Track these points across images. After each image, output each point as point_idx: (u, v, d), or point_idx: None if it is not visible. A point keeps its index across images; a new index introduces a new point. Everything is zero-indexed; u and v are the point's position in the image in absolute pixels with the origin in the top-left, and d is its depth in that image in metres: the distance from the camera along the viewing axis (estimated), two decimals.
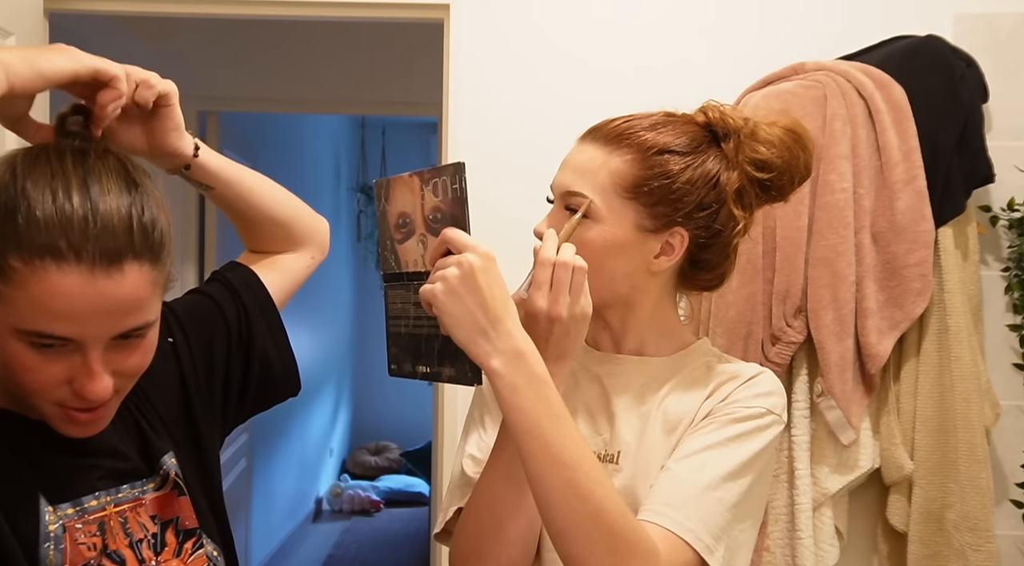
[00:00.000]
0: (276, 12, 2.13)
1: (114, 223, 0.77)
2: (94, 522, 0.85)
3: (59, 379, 0.79)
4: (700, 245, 1.00)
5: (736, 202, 0.99)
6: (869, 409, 1.86)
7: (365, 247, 6.58)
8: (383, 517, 5.70)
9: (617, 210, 0.97)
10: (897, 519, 1.88)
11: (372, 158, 6.57)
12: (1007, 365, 1.98)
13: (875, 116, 1.80)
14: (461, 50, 2.02)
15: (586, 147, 1.01)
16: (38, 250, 0.74)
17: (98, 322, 0.77)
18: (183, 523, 0.93)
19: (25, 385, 0.79)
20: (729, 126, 1.01)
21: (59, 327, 0.76)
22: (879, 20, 1.97)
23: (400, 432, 6.47)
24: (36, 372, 0.78)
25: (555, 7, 2.03)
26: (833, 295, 1.78)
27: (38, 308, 0.75)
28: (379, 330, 4.53)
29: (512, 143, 2.02)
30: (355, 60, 3.39)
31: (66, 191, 0.76)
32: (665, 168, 0.97)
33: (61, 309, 0.75)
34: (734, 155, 1.00)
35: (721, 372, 1.02)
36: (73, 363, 0.78)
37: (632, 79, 2.01)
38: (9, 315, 0.76)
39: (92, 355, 0.78)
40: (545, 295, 0.91)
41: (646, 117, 1.01)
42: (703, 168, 0.98)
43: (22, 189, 0.76)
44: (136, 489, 0.90)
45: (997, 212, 1.97)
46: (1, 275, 0.75)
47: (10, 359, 0.78)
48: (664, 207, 0.97)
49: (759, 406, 0.97)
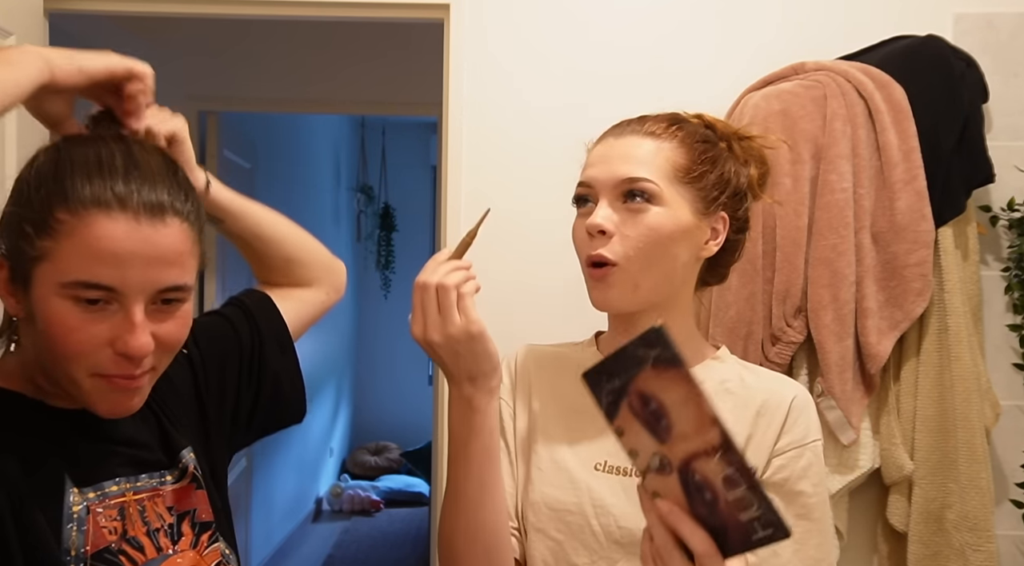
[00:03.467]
0: (276, 12, 2.13)
1: (156, 179, 0.81)
2: (115, 507, 0.86)
3: (101, 340, 0.80)
4: (738, 228, 1.06)
5: (755, 190, 1.08)
6: (869, 409, 1.86)
7: (365, 247, 6.58)
8: (383, 517, 5.70)
9: (679, 193, 1.00)
10: (897, 519, 1.88)
11: (372, 158, 6.58)
12: (1007, 365, 1.98)
13: (875, 116, 1.80)
14: (461, 50, 2.02)
15: (628, 139, 1.03)
16: (85, 201, 0.78)
17: (142, 270, 0.79)
18: (199, 516, 0.94)
19: (67, 349, 0.79)
20: (724, 130, 1.09)
21: (105, 274, 0.77)
22: (879, 20, 1.97)
23: (400, 432, 6.47)
24: (79, 332, 0.79)
25: (555, 7, 2.03)
26: (833, 295, 1.78)
27: (85, 254, 0.77)
28: (379, 330, 4.51)
29: (512, 143, 2.02)
30: (355, 60, 3.39)
31: (109, 154, 0.81)
32: (710, 154, 1.03)
33: (108, 254, 0.77)
34: (741, 153, 1.07)
35: (756, 392, 1.02)
36: (115, 323, 0.80)
37: (632, 79, 2.00)
38: (55, 271, 0.78)
39: (134, 309, 0.79)
40: (416, 321, 0.90)
41: (663, 118, 1.06)
42: (730, 160, 1.06)
43: (68, 157, 0.81)
44: (155, 479, 0.92)
45: (997, 212, 1.97)
46: (48, 232, 0.78)
47: (53, 322, 0.79)
48: (714, 190, 1.02)
49: (813, 439, 1.00)
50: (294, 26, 3.29)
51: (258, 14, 2.15)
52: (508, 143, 2.02)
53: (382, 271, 6.51)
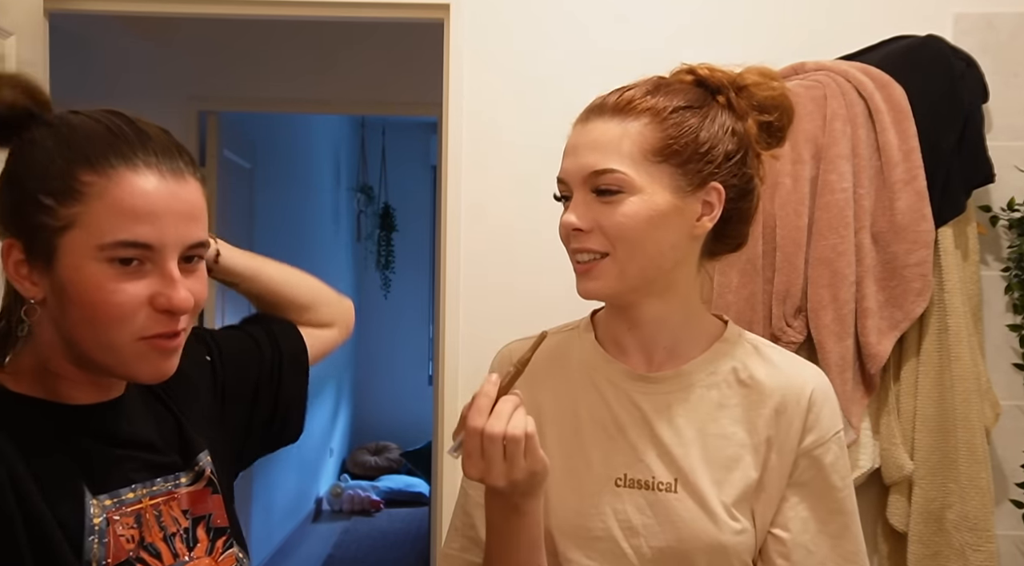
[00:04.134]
0: (276, 12, 2.13)
1: (167, 143, 0.83)
2: (131, 514, 0.85)
3: (140, 299, 0.80)
4: (738, 193, 0.98)
5: (756, 145, 1.00)
6: (869, 409, 1.86)
7: (365, 247, 6.58)
8: (383, 517, 5.70)
9: (652, 176, 0.94)
10: (897, 519, 1.88)
11: (372, 158, 6.57)
12: (1007, 365, 1.98)
13: (875, 116, 1.80)
14: (461, 50, 2.02)
15: (594, 125, 0.98)
16: (111, 160, 0.79)
17: (174, 225, 0.80)
18: (214, 521, 0.93)
19: (108, 313, 0.79)
20: (720, 79, 1.00)
21: (143, 231, 0.78)
22: (879, 20, 1.97)
23: (400, 432, 6.46)
24: (118, 293, 0.78)
25: (555, 7, 2.03)
26: (833, 295, 1.78)
27: (119, 211, 0.78)
28: (379, 330, 4.54)
29: (512, 143, 2.02)
30: (355, 60, 3.39)
31: (117, 125, 0.82)
32: (686, 124, 0.95)
33: (143, 210, 0.78)
34: (739, 104, 0.99)
35: (772, 387, 0.99)
36: (151, 282, 0.80)
37: (632, 79, 2.00)
38: (88, 235, 0.78)
39: (170, 265, 0.80)
40: (476, 466, 0.87)
41: (641, 85, 1.00)
42: (719, 119, 0.97)
43: (76, 129, 0.81)
44: (169, 482, 0.91)
45: (997, 212, 1.97)
46: (74, 197, 0.78)
47: (90, 288, 0.78)
48: (695, 163, 0.95)
49: (837, 435, 0.99)
50: (294, 26, 3.29)
51: (258, 14, 2.15)
52: (508, 143, 2.02)
53: (382, 271, 6.50)
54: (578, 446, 1.00)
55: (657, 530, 0.95)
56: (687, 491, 0.96)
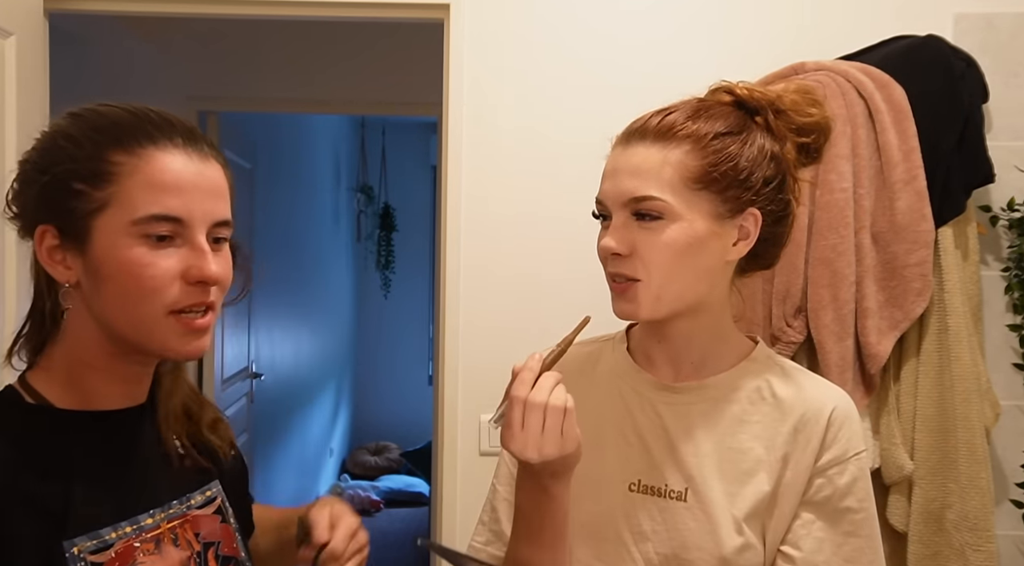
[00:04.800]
0: (276, 12, 2.13)
1: (190, 127, 0.88)
2: (151, 540, 0.86)
3: (174, 273, 0.83)
4: (775, 219, 0.99)
5: (794, 169, 1.01)
6: (869, 409, 1.86)
7: (365, 247, 6.58)
8: (383, 517, 5.69)
9: (692, 203, 0.94)
10: (897, 519, 1.88)
11: (372, 158, 6.58)
12: (1007, 365, 1.98)
13: (875, 116, 1.80)
14: (461, 50, 2.02)
15: (635, 149, 0.97)
16: (140, 140, 0.83)
17: (201, 201, 0.85)
18: (223, 549, 0.94)
19: (143, 286, 0.82)
20: (759, 101, 1.00)
21: (173, 205, 0.82)
22: (879, 20, 1.97)
23: (400, 432, 6.46)
24: (152, 267, 0.82)
25: (555, 7, 2.03)
26: (833, 295, 1.78)
27: (151, 186, 0.82)
28: (379, 330, 4.52)
29: (512, 143, 2.02)
30: (355, 60, 3.39)
31: (142, 110, 0.87)
32: (726, 151, 0.95)
33: (172, 185, 0.83)
34: (777, 127, 0.99)
35: (796, 403, 0.99)
36: (183, 256, 0.84)
37: (632, 78, 2.00)
38: (122, 212, 0.82)
39: (200, 239, 0.84)
40: (515, 437, 0.88)
41: (682, 108, 0.99)
42: (758, 144, 0.97)
43: (100, 116, 0.86)
44: (183, 504, 0.92)
45: (997, 212, 1.97)
46: (106, 178, 0.82)
47: (125, 263, 0.82)
48: (735, 189, 0.95)
49: (856, 457, 0.98)
50: (294, 26, 3.29)
51: (258, 14, 2.15)
52: (508, 143, 2.02)
53: (382, 271, 6.51)
54: (597, 450, 1.01)
55: (665, 537, 0.96)
56: (697, 501, 0.96)
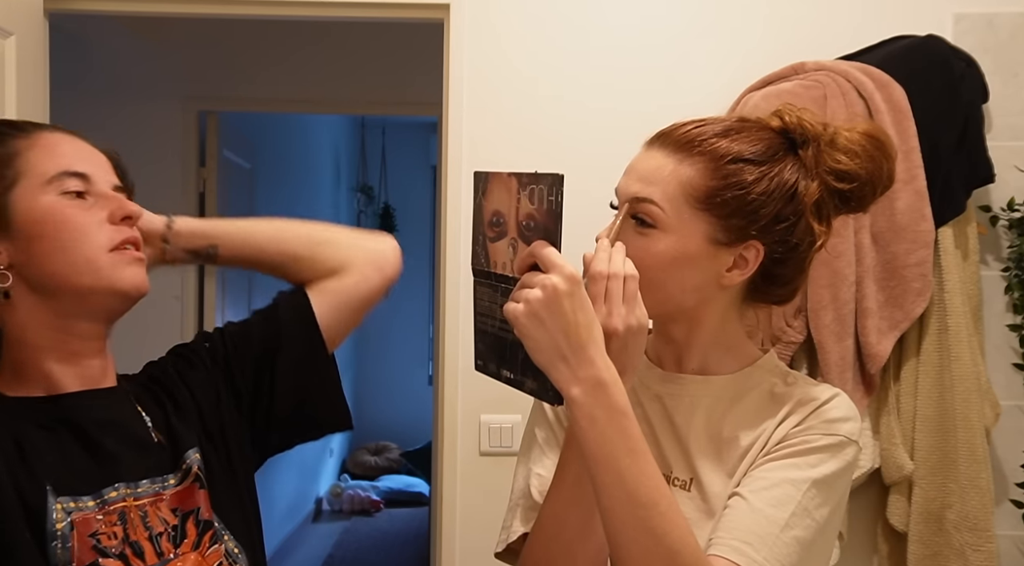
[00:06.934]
0: (276, 12, 2.13)
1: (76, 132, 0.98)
2: (114, 512, 0.87)
3: (97, 220, 0.91)
4: (775, 259, 0.95)
5: (814, 214, 0.94)
6: (869, 409, 1.86)
7: None
8: (383, 517, 5.70)
9: (688, 221, 0.92)
10: (897, 519, 1.88)
11: (372, 158, 6.58)
12: (1007, 365, 1.98)
13: (875, 116, 1.80)
14: (461, 50, 2.02)
15: (654, 153, 0.95)
16: (29, 129, 0.95)
17: (97, 164, 0.95)
18: (202, 514, 0.94)
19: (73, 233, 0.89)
20: (808, 133, 0.95)
21: (76, 163, 0.92)
22: (879, 20, 1.97)
23: (400, 432, 6.46)
24: (77, 216, 0.90)
25: (555, 7, 2.02)
26: (833, 295, 1.78)
27: (52, 153, 0.92)
28: (379, 330, 4.53)
29: (512, 143, 2.02)
30: (355, 60, 3.39)
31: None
32: (739, 178, 0.92)
33: (69, 150, 0.94)
34: (813, 164, 0.94)
35: (790, 396, 0.98)
36: (100, 207, 0.92)
37: (632, 78, 2.00)
38: (34, 177, 0.90)
39: (109, 190, 0.94)
40: (599, 310, 0.85)
41: (719, 122, 0.96)
42: (780, 178, 0.93)
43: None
44: (157, 484, 0.92)
45: (997, 212, 1.97)
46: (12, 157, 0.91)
47: (49, 217, 0.89)
48: (739, 219, 0.92)
49: (836, 434, 0.94)
50: (294, 26, 3.29)
51: (258, 14, 2.15)
52: (508, 143, 2.02)
53: None
54: None
55: None
56: (698, 491, 0.96)
